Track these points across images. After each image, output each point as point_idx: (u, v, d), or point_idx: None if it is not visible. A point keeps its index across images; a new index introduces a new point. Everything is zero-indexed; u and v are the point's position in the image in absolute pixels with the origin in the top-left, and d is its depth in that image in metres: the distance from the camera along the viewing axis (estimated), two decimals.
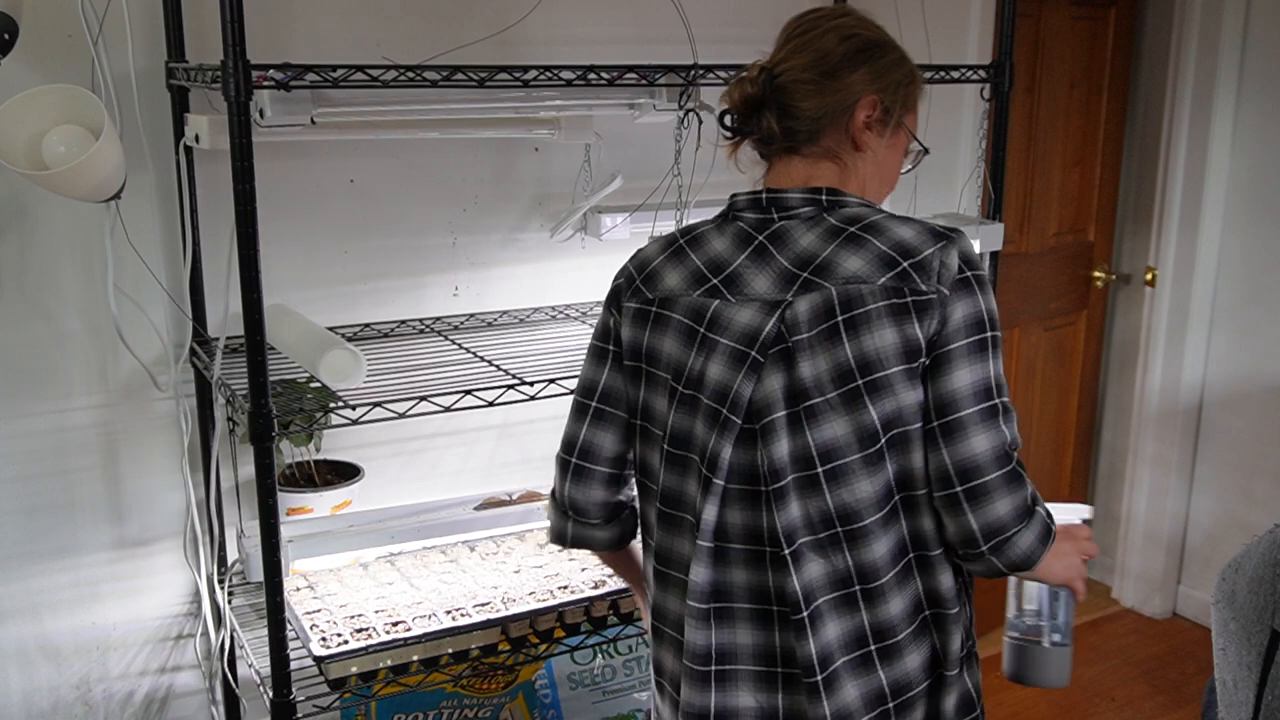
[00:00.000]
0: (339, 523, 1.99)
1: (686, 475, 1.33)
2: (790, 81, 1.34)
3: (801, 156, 1.35)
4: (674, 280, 1.35)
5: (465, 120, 2.03)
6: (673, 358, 1.33)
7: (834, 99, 1.33)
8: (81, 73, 1.78)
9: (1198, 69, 3.21)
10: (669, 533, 1.37)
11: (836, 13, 1.41)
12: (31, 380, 1.92)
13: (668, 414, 1.34)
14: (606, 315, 1.42)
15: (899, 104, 1.37)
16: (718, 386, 1.29)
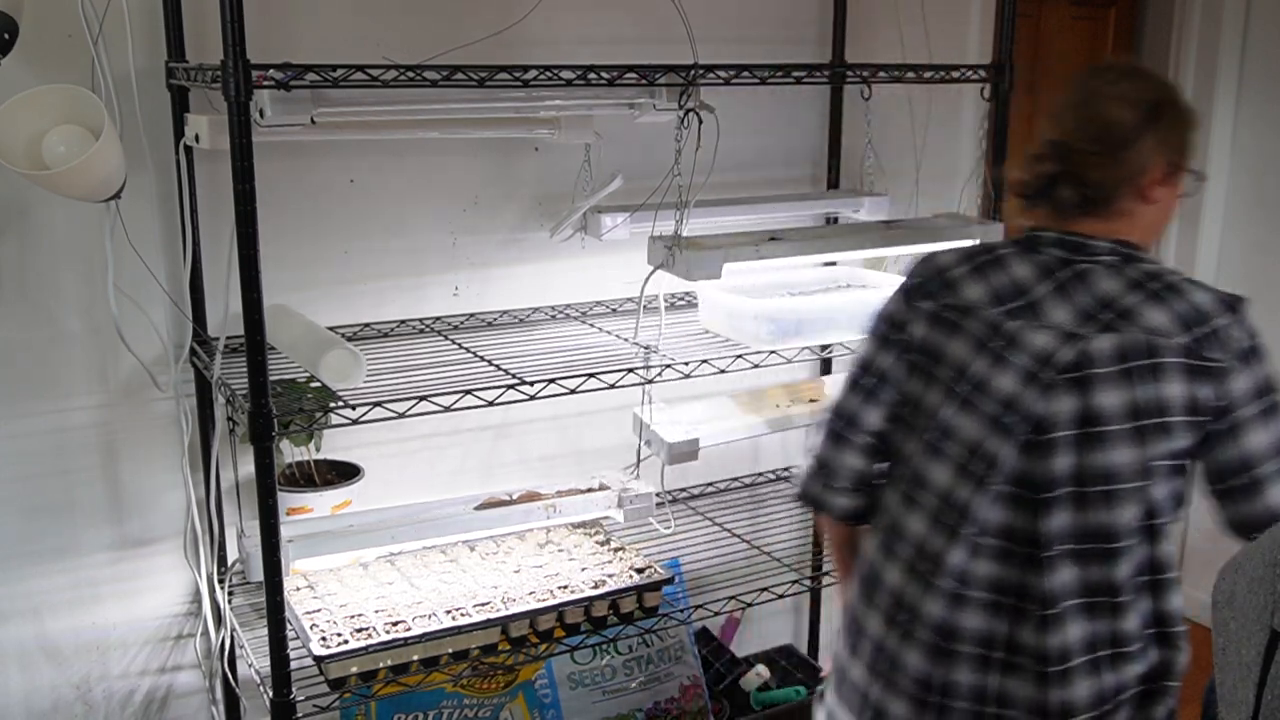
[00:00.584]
0: (339, 523, 1.99)
1: (945, 466, 1.47)
2: (1081, 156, 1.46)
3: (1096, 215, 1.48)
4: (974, 293, 1.49)
5: (465, 120, 2.03)
6: (959, 361, 1.47)
7: (1125, 170, 1.45)
8: (81, 73, 1.78)
9: (1198, 69, 3.21)
10: (908, 512, 1.51)
11: (1118, 73, 1.50)
12: (31, 380, 1.92)
13: (938, 410, 1.48)
14: (899, 306, 1.55)
15: (1183, 155, 1.49)
16: (1005, 397, 1.43)
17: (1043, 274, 1.47)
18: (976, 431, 1.45)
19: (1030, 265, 1.48)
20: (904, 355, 1.53)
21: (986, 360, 1.45)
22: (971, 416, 1.45)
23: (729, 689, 2.56)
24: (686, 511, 2.52)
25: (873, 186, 2.55)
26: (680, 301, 2.46)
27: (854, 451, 1.57)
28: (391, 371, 1.90)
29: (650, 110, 2.06)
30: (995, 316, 1.46)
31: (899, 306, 1.55)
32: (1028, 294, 1.47)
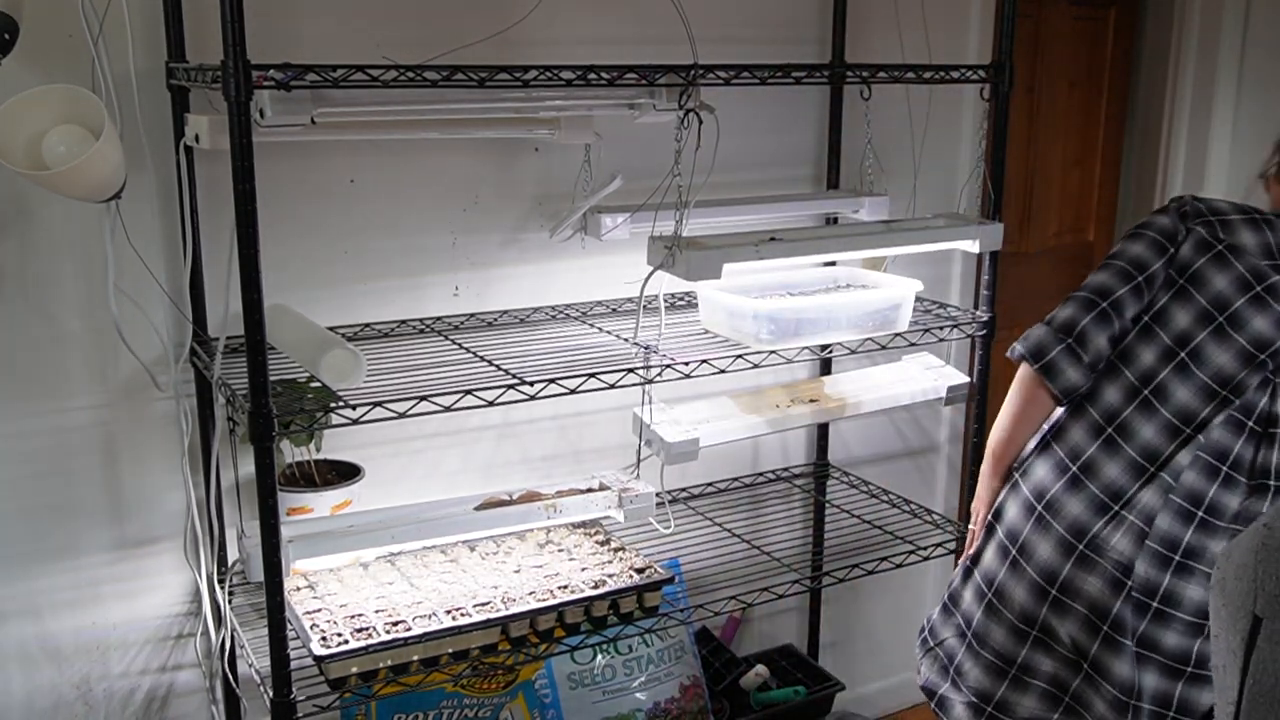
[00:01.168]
0: (339, 523, 1.99)
1: (1189, 386, 1.68)
2: None
3: None
4: (1247, 239, 1.69)
5: (465, 120, 2.03)
6: (1221, 295, 1.68)
7: None
8: (81, 73, 1.78)
9: (1198, 69, 3.21)
10: (1142, 416, 1.70)
11: None
12: (31, 380, 1.92)
13: (1190, 332, 1.68)
14: (1175, 222, 1.74)
15: None
16: (1260, 337, 1.66)
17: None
18: (1229, 363, 1.66)
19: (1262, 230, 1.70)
20: (1168, 268, 1.70)
21: (1248, 300, 1.66)
22: (1224, 347, 1.66)
23: (729, 689, 2.57)
24: (686, 511, 2.52)
25: (873, 186, 2.55)
26: (680, 301, 2.46)
27: (1109, 334, 1.71)
28: (392, 371, 1.90)
29: (650, 110, 2.06)
30: (1263, 266, 1.66)
31: (1175, 222, 1.73)
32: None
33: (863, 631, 3.02)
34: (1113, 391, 1.73)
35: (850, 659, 2.99)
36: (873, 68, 2.06)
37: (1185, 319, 1.69)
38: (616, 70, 1.80)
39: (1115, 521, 1.70)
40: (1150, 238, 1.75)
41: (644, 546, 2.27)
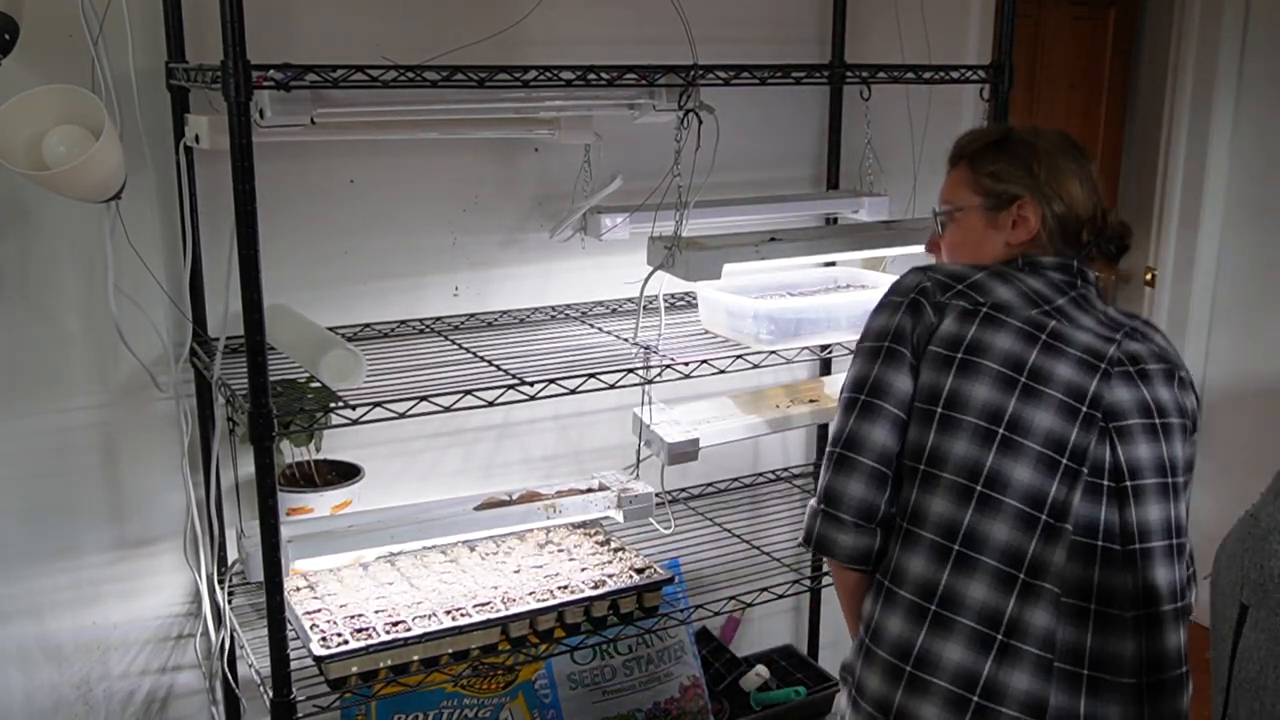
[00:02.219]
0: (339, 523, 1.99)
1: (1023, 461, 1.42)
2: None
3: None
4: (1005, 294, 1.51)
5: (465, 120, 2.03)
6: (1010, 352, 1.45)
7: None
8: (81, 73, 1.78)
9: (1198, 69, 3.21)
10: (991, 519, 1.42)
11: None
12: (31, 380, 1.92)
13: (996, 402, 1.43)
14: (902, 318, 1.51)
15: None
16: (1071, 386, 1.44)
17: (1057, 289, 1.54)
18: (1055, 423, 1.42)
19: (1042, 280, 1.55)
20: (918, 360, 1.49)
21: (1041, 351, 1.46)
22: (1041, 407, 1.43)
23: (729, 689, 2.57)
24: (686, 511, 2.52)
25: (872, 187, 2.55)
26: (680, 302, 2.46)
27: (861, 478, 1.48)
28: (392, 372, 1.90)
29: (650, 111, 2.06)
30: (1034, 315, 1.49)
31: (899, 317, 1.51)
32: (1051, 302, 1.52)
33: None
34: (939, 501, 1.43)
35: None
36: (873, 68, 2.06)
37: (984, 390, 1.43)
38: (616, 70, 1.80)
39: (1007, 654, 1.40)
40: (870, 349, 1.52)
41: (644, 547, 2.27)
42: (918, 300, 1.52)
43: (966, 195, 1.68)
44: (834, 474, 1.50)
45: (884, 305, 1.55)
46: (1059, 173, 1.61)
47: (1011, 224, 1.61)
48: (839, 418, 1.52)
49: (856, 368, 1.53)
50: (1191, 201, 3.29)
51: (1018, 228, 1.60)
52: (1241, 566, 1.46)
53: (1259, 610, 1.42)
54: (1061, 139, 1.65)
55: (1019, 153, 1.64)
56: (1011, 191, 1.61)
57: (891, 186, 2.60)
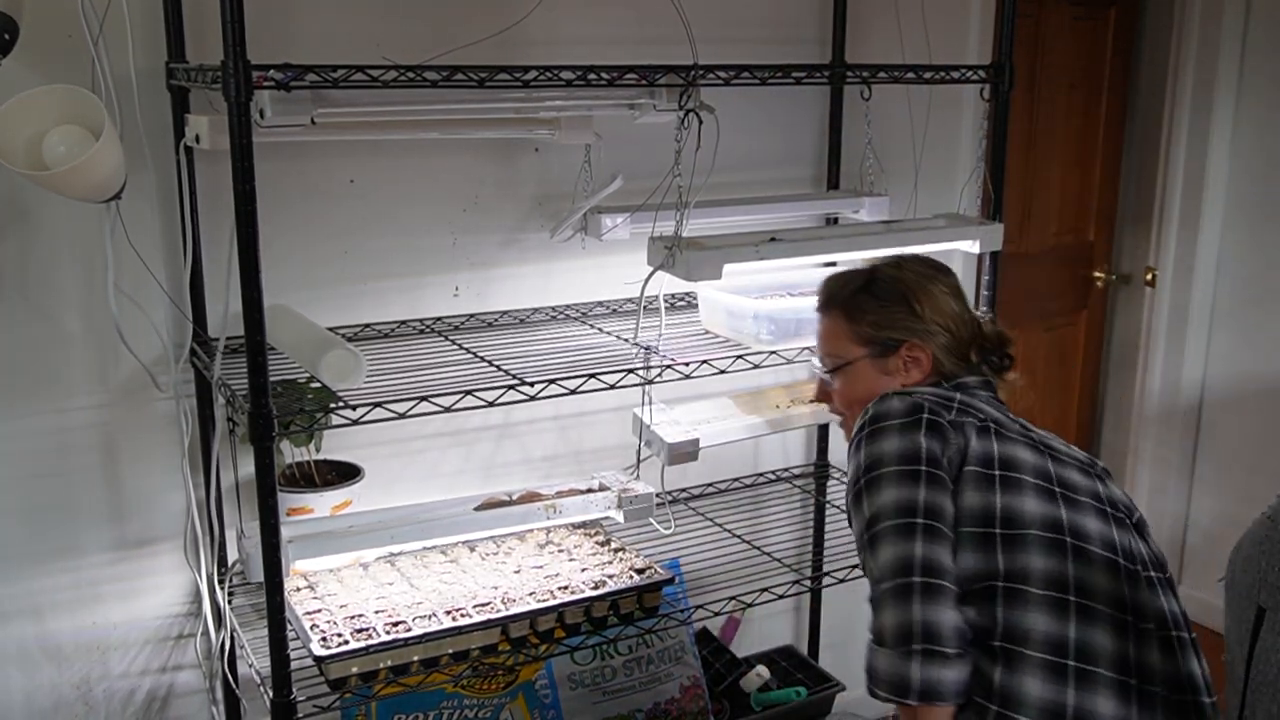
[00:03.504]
0: (339, 523, 1.99)
1: (1093, 568, 1.42)
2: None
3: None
4: (988, 409, 1.53)
5: (465, 120, 2.03)
6: (1036, 466, 1.47)
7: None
8: (81, 73, 1.78)
9: (1198, 69, 3.21)
10: (1088, 627, 1.39)
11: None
12: (31, 380, 1.92)
13: (1053, 514, 1.44)
14: (928, 441, 1.44)
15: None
16: (1090, 492, 1.50)
17: (994, 406, 1.59)
18: (1100, 527, 1.43)
19: (981, 399, 1.57)
20: (955, 483, 1.43)
21: (1051, 461, 1.48)
22: (1084, 513, 1.44)
23: (729, 689, 2.56)
24: (686, 511, 2.52)
25: (873, 187, 2.55)
26: (680, 302, 2.46)
27: (951, 603, 1.35)
28: (392, 372, 1.90)
29: (650, 111, 2.06)
30: (1017, 427, 1.53)
31: (929, 440, 1.43)
32: (1008, 415, 1.58)
33: (863, 632, 3.01)
34: (1038, 618, 1.37)
35: (850, 659, 2.98)
36: (873, 68, 2.06)
37: (1034, 504, 1.41)
38: (616, 70, 1.80)
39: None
40: (909, 471, 1.42)
41: (644, 547, 2.27)
42: (935, 421, 1.45)
43: (850, 347, 1.67)
44: (923, 605, 1.34)
45: (894, 428, 1.45)
46: (935, 301, 1.62)
47: (903, 366, 1.62)
48: (896, 545, 1.38)
49: (895, 493, 1.41)
50: (1191, 201, 3.28)
51: (910, 369, 1.61)
52: (1259, 569, 1.45)
53: (1277, 613, 1.42)
54: (923, 263, 1.66)
55: (891, 293, 1.63)
56: (896, 337, 1.62)
57: (892, 186, 2.60)
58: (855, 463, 1.49)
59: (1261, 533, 1.49)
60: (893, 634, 1.36)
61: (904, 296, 1.62)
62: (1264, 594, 1.44)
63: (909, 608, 1.35)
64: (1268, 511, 1.51)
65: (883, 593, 1.38)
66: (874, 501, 1.42)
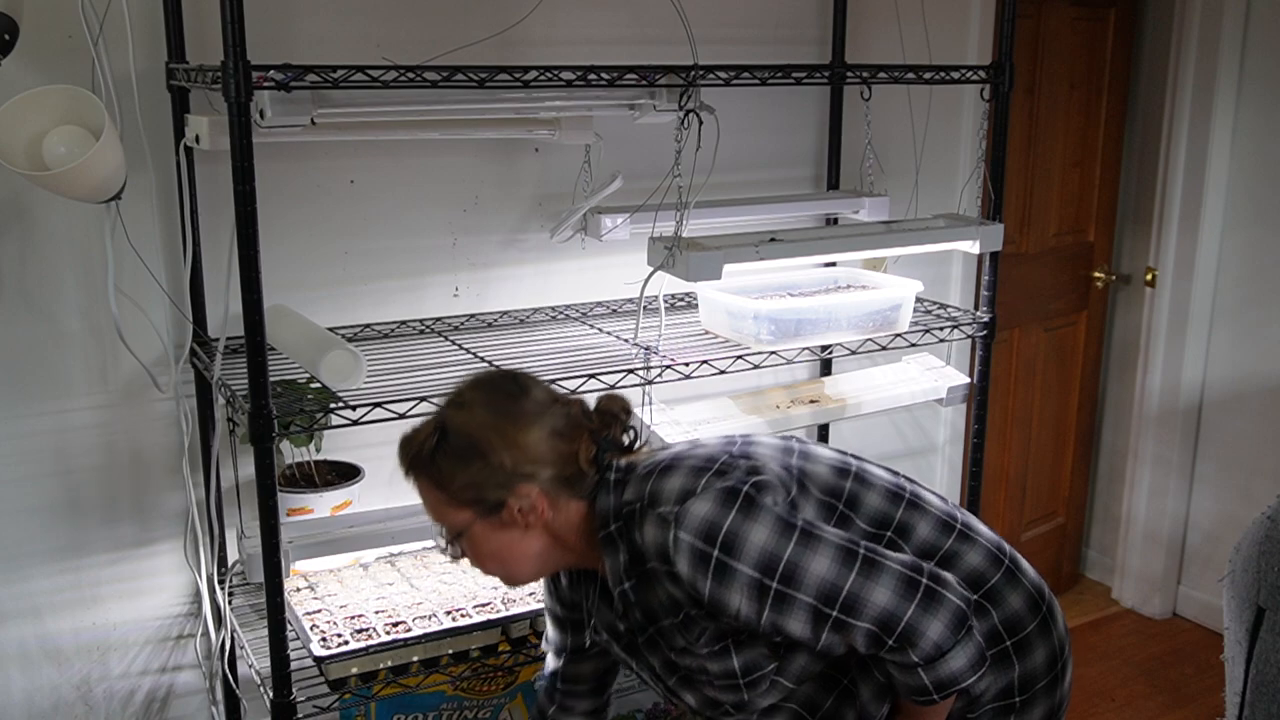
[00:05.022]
0: (339, 523, 1.99)
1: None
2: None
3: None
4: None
5: (465, 120, 2.03)
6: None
7: None
8: (81, 73, 1.78)
9: (1198, 69, 3.21)
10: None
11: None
12: (31, 380, 1.92)
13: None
14: (791, 506, 1.44)
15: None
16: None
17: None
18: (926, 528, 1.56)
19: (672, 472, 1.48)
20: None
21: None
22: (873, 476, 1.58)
23: None
24: None
25: (873, 187, 2.55)
26: (680, 302, 2.46)
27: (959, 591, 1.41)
28: (392, 372, 1.90)
29: (650, 111, 2.06)
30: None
31: (790, 505, 1.45)
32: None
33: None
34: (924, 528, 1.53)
35: None
36: (873, 68, 2.06)
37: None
38: (616, 71, 1.80)
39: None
40: (818, 523, 1.43)
41: None
42: (785, 488, 1.46)
43: (456, 515, 1.46)
44: (946, 588, 1.39)
45: (767, 509, 1.39)
46: (517, 437, 1.42)
47: (522, 518, 1.44)
48: (881, 566, 1.38)
49: (823, 547, 1.38)
50: (1192, 202, 3.28)
51: (531, 515, 1.44)
52: (1259, 569, 1.46)
53: (1277, 614, 1.42)
54: (491, 388, 1.47)
55: (466, 449, 1.42)
56: (496, 497, 1.42)
57: (891, 186, 2.60)
58: (733, 565, 1.37)
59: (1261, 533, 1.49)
60: (952, 628, 1.37)
61: (482, 451, 1.41)
62: (1264, 594, 1.45)
63: (943, 599, 1.37)
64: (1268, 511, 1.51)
65: (908, 612, 1.36)
66: (803, 565, 1.37)
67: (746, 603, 1.37)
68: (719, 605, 1.38)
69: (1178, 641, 3.39)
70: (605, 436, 1.48)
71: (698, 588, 1.37)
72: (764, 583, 1.36)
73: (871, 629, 1.36)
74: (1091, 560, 3.80)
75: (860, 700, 1.51)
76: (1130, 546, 3.58)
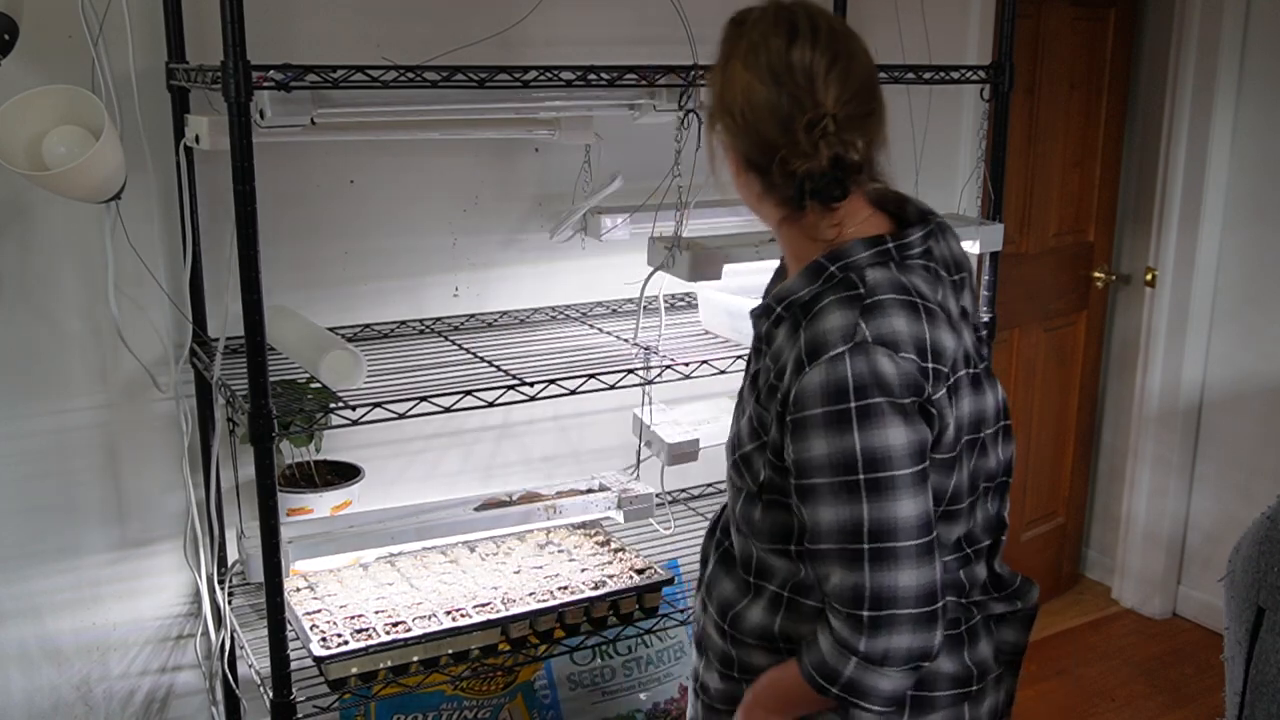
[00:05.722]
0: (339, 523, 1.99)
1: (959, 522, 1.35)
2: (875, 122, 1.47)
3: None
4: (945, 340, 1.26)
5: (465, 121, 2.03)
6: (963, 419, 1.32)
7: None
8: (81, 73, 1.78)
9: (1198, 69, 3.21)
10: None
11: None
12: (31, 380, 1.92)
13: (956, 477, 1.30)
14: (917, 433, 1.20)
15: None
16: (993, 412, 1.45)
17: (930, 281, 1.33)
18: (994, 459, 1.42)
19: (922, 278, 1.32)
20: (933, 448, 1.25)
21: (980, 391, 1.37)
22: (988, 452, 1.39)
23: None
24: (686, 512, 2.52)
25: None
26: (680, 302, 2.45)
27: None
28: (392, 372, 1.90)
29: (650, 111, 2.06)
30: (961, 347, 1.31)
31: (915, 431, 1.21)
32: (945, 307, 1.30)
33: None
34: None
35: None
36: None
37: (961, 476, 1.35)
38: (616, 71, 1.80)
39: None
40: (901, 405, 1.21)
41: (644, 547, 2.27)
42: (924, 407, 1.22)
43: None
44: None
45: (885, 411, 1.18)
46: (734, 76, 1.24)
47: (725, 154, 1.33)
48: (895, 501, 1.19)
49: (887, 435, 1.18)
50: (1191, 201, 3.28)
51: (729, 159, 1.32)
52: (1259, 569, 1.46)
53: (1276, 613, 1.42)
54: (774, 18, 1.25)
55: (722, 49, 1.28)
56: (705, 108, 1.28)
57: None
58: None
59: (1261, 533, 1.49)
60: (922, 592, 1.20)
61: (719, 58, 1.26)
62: (1264, 594, 1.45)
63: (917, 572, 1.19)
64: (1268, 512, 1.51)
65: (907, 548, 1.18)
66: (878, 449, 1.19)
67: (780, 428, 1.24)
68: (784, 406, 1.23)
69: (1178, 641, 3.39)
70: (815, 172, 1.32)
71: (785, 380, 1.23)
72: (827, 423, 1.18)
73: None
74: (1091, 560, 3.81)
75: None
76: (1130, 546, 3.58)
